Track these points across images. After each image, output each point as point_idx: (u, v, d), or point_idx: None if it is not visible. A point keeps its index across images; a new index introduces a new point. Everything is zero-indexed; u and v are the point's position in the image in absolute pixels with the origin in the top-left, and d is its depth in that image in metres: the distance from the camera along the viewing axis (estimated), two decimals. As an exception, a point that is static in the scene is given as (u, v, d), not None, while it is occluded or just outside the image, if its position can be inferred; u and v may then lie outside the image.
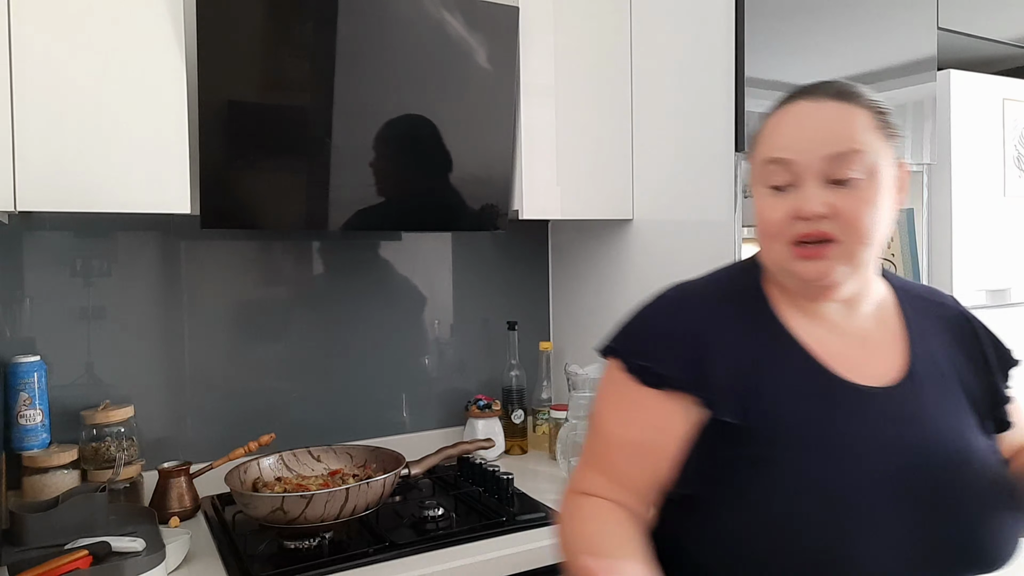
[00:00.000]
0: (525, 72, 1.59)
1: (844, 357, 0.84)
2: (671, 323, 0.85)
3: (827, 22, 1.62)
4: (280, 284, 1.71)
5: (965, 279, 1.82)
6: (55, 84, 1.17)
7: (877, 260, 0.85)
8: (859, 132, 0.80)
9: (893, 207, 0.84)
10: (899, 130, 0.85)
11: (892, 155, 0.83)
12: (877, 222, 0.80)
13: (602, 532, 0.81)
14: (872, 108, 0.82)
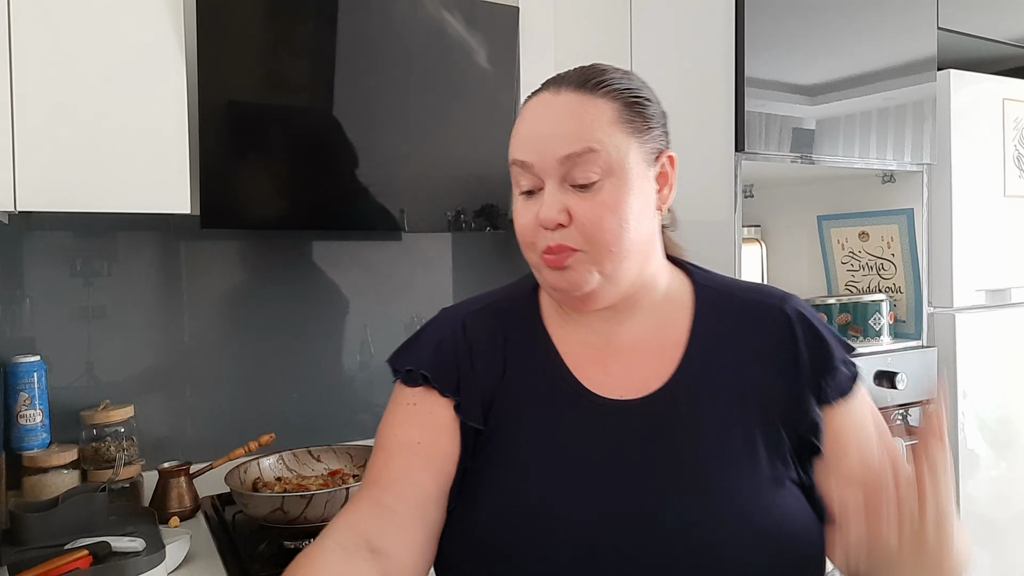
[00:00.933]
0: (525, 72, 1.59)
1: (600, 368, 0.76)
2: (436, 330, 0.82)
3: (827, 22, 1.62)
4: (280, 284, 1.71)
5: (965, 279, 1.82)
6: (55, 84, 1.17)
7: (649, 262, 0.77)
8: (595, 128, 0.71)
9: (648, 208, 0.74)
10: (654, 120, 0.75)
11: (645, 150, 0.74)
12: (623, 228, 0.71)
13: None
14: (620, 97, 0.73)
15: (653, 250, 0.78)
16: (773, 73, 1.54)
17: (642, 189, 0.73)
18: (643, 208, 0.74)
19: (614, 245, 0.72)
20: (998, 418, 1.86)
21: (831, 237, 2.01)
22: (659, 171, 0.76)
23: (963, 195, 1.81)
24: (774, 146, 1.54)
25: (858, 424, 0.75)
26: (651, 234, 0.76)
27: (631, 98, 0.74)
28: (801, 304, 0.79)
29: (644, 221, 0.74)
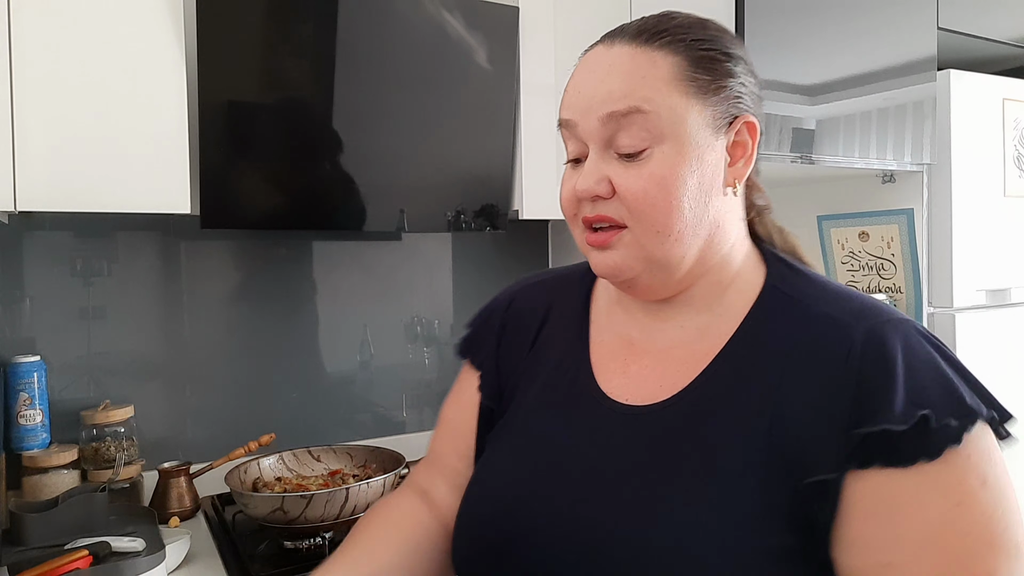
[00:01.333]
0: (525, 72, 1.59)
1: (621, 366, 0.69)
2: (491, 303, 0.81)
3: (827, 22, 1.62)
4: (280, 284, 1.71)
5: (965, 279, 1.82)
6: (55, 84, 1.17)
7: (715, 248, 0.65)
8: (645, 85, 0.60)
9: (713, 184, 0.62)
10: (730, 79, 0.63)
11: (712, 114, 0.62)
12: (675, 206, 0.60)
13: (347, 542, 0.74)
14: (685, 50, 0.62)
15: (722, 235, 0.64)
16: (773, 73, 1.54)
17: (704, 160, 0.61)
18: (705, 183, 0.62)
19: (663, 224, 0.61)
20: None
21: (831, 237, 2.01)
22: (732, 140, 0.63)
23: (963, 195, 1.81)
24: (774, 146, 1.54)
25: (898, 506, 0.53)
26: (717, 215, 0.63)
27: (700, 51, 0.62)
28: (895, 332, 0.58)
29: (706, 199, 0.62)
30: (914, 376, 0.55)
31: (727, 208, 0.65)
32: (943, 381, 0.55)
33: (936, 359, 0.57)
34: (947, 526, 0.52)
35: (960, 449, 0.53)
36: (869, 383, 0.55)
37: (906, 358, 0.56)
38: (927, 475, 0.53)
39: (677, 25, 0.64)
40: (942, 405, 0.54)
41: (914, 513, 0.53)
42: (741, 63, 0.65)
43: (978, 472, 0.53)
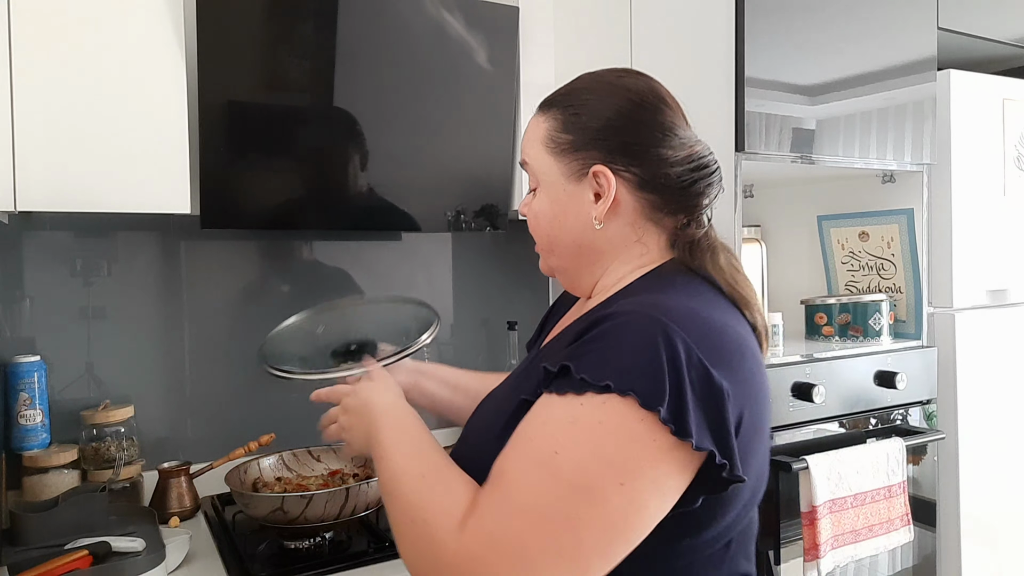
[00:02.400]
0: (525, 72, 1.59)
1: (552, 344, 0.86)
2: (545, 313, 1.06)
3: (827, 22, 1.62)
4: (280, 284, 1.71)
5: (965, 279, 1.82)
6: (55, 84, 1.17)
7: (595, 267, 0.82)
8: (528, 144, 0.83)
9: (581, 219, 0.79)
10: (586, 137, 0.78)
11: (569, 168, 0.79)
12: (550, 233, 0.82)
13: None
14: (560, 116, 0.80)
15: (600, 255, 0.81)
16: (773, 73, 1.54)
17: (570, 202, 0.80)
18: (572, 218, 0.80)
19: (548, 244, 0.84)
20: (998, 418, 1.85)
21: (831, 237, 2.01)
22: (594, 185, 0.78)
23: (963, 195, 1.81)
24: (774, 146, 1.54)
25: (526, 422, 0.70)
26: (590, 241, 0.80)
27: (571, 115, 0.79)
28: (624, 318, 0.68)
29: (573, 229, 0.80)
30: (598, 343, 0.67)
31: (604, 237, 0.80)
32: (613, 356, 0.66)
33: (632, 344, 0.66)
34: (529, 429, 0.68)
35: (575, 396, 0.65)
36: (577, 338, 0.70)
37: (608, 333, 0.67)
38: (549, 399, 0.68)
39: (570, 91, 0.82)
40: (592, 367, 0.65)
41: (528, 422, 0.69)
42: (619, 125, 0.78)
43: (572, 413, 0.65)
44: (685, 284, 0.77)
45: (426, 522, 0.68)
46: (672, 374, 0.64)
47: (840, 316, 1.83)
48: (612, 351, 0.66)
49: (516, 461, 0.67)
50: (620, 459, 0.63)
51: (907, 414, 1.76)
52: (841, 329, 1.83)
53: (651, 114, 0.79)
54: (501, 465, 0.68)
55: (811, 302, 1.90)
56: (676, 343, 0.65)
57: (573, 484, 0.63)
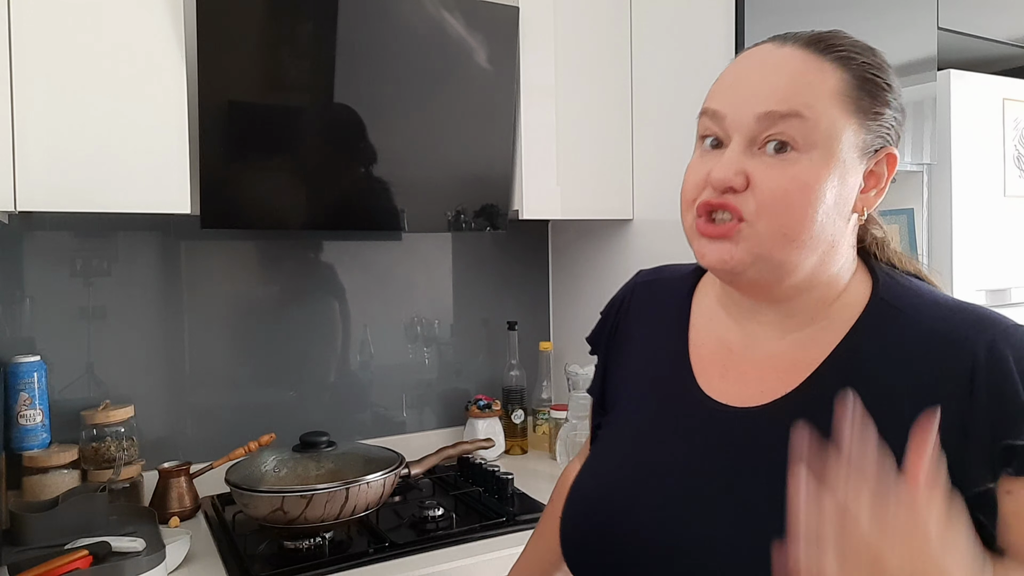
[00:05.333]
0: (525, 72, 1.59)
1: (719, 369, 0.70)
2: (618, 293, 0.85)
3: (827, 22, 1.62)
4: (280, 284, 1.71)
5: (965, 279, 1.82)
6: (55, 84, 1.17)
7: (828, 264, 0.65)
8: (812, 92, 0.61)
9: (845, 203, 0.63)
10: (889, 109, 0.64)
11: (864, 138, 0.63)
12: (807, 214, 0.61)
13: None
14: (854, 69, 0.63)
15: (836, 254, 0.65)
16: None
17: (844, 179, 0.62)
18: (839, 201, 0.62)
19: (792, 228, 0.61)
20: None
21: (831, 237, 2.00)
22: (871, 168, 0.64)
23: (963, 195, 1.81)
24: (774, 146, 1.54)
25: None
26: (837, 234, 0.64)
27: (868, 74, 0.63)
28: (1012, 342, 0.59)
29: (835, 216, 0.62)
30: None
31: (847, 231, 0.65)
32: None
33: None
34: None
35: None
36: (1002, 397, 0.57)
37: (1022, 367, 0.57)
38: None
39: (851, 44, 0.65)
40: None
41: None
42: (898, 99, 0.66)
43: None
44: (920, 283, 0.68)
45: None
46: None
47: (840, 316, 1.83)
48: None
49: None
50: None
51: (907, 414, 1.75)
52: (841, 329, 1.82)
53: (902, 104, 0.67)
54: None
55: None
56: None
57: None
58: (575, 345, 1.97)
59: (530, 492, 1.52)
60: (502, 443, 1.81)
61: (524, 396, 1.88)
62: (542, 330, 2.04)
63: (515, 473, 1.52)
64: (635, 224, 1.73)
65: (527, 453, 1.87)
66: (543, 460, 1.80)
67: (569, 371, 1.73)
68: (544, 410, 1.87)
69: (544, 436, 1.86)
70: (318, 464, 1.39)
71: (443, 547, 1.27)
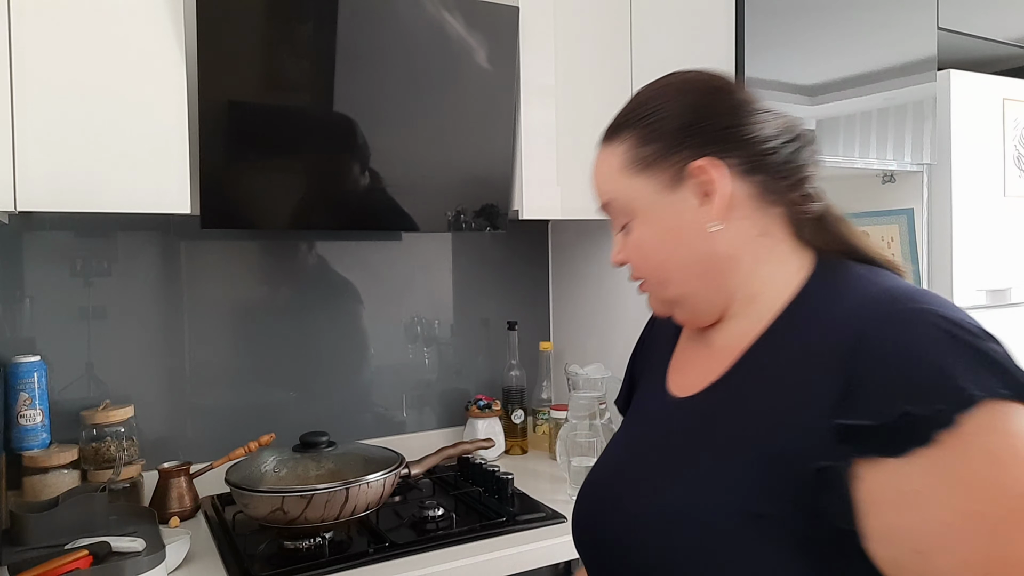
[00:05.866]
0: (525, 72, 1.59)
1: (682, 366, 0.80)
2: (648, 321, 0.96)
3: (827, 22, 1.62)
4: (280, 284, 1.71)
5: (965, 279, 1.82)
6: (55, 84, 1.17)
7: (730, 276, 0.71)
8: (607, 179, 0.75)
9: (692, 229, 0.70)
10: (671, 139, 0.71)
11: (661, 179, 0.71)
12: (663, 260, 0.72)
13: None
14: (631, 135, 0.73)
15: (727, 263, 0.71)
16: (773, 73, 1.54)
17: (675, 215, 0.71)
18: (680, 234, 0.71)
19: (658, 276, 0.74)
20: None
21: (831, 237, 2.01)
22: (695, 185, 0.70)
23: (963, 195, 1.81)
24: (774, 146, 1.54)
25: (910, 495, 0.55)
26: (708, 251, 0.70)
27: (646, 126, 0.72)
28: (896, 325, 0.59)
29: (689, 244, 0.70)
30: (899, 370, 0.56)
31: (723, 240, 0.70)
32: (934, 370, 0.55)
33: (934, 348, 0.57)
34: (961, 507, 0.53)
35: (956, 431, 0.53)
36: (857, 378, 0.58)
37: (896, 352, 0.57)
38: (927, 462, 0.54)
39: (633, 108, 0.76)
40: (928, 393, 0.54)
41: (926, 500, 0.54)
42: (699, 116, 0.71)
43: (987, 449, 0.53)
44: (866, 271, 0.69)
45: None
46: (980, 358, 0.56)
47: (840, 316, 1.83)
48: (928, 366, 0.55)
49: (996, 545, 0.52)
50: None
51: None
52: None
53: (728, 96, 0.72)
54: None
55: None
56: (946, 329, 0.57)
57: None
58: (575, 345, 1.97)
59: (530, 492, 1.52)
60: (502, 443, 1.81)
61: (524, 396, 1.88)
62: (542, 330, 2.04)
63: (515, 473, 1.52)
64: (635, 224, 1.73)
65: (527, 453, 1.87)
66: (543, 460, 1.80)
67: (569, 371, 1.73)
68: (544, 410, 1.87)
69: (544, 436, 1.86)
70: (318, 464, 1.38)
71: (443, 547, 1.27)
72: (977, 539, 0.52)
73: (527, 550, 1.28)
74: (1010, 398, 0.55)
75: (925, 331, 0.58)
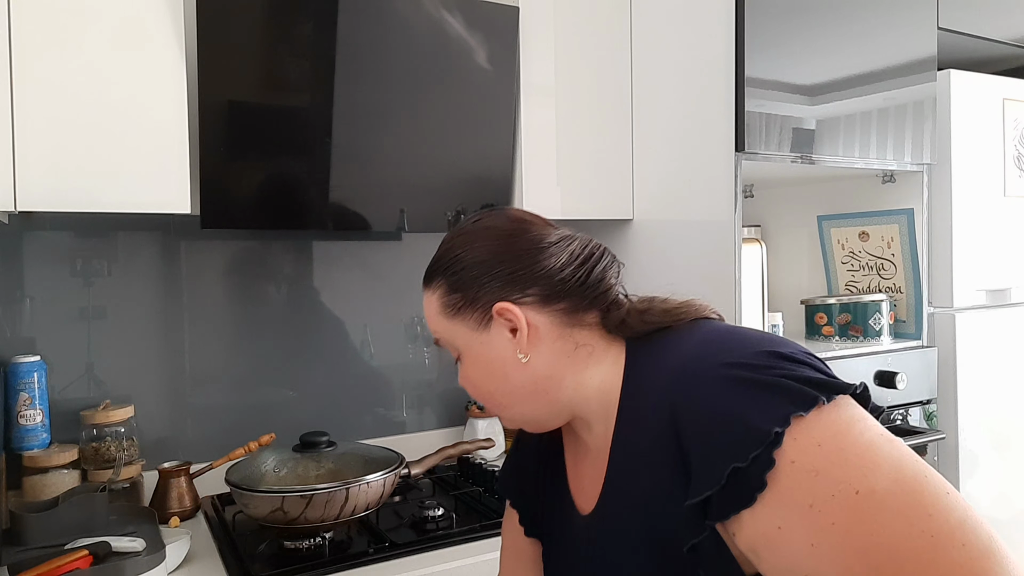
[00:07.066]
0: (525, 72, 1.59)
1: (579, 479, 0.82)
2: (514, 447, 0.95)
3: (827, 22, 1.62)
4: (280, 284, 1.71)
5: (965, 279, 1.82)
6: (55, 84, 1.17)
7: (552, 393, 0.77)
8: (431, 320, 0.81)
9: (510, 360, 0.76)
10: (474, 286, 0.76)
11: (471, 322, 0.77)
12: (495, 384, 0.78)
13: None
14: (442, 283, 0.79)
15: (550, 382, 0.76)
16: (773, 73, 1.54)
17: (489, 352, 0.77)
18: (502, 365, 0.77)
19: (493, 401, 0.80)
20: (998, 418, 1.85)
21: (831, 237, 2.01)
22: (502, 324, 0.76)
23: (963, 195, 1.81)
24: (774, 146, 1.54)
25: (774, 535, 0.58)
26: (532, 377, 0.76)
27: (451, 276, 0.78)
28: (688, 393, 0.64)
29: (504, 374, 0.77)
30: (711, 430, 0.61)
31: (539, 365, 0.76)
32: (735, 420, 0.59)
33: (725, 398, 0.61)
34: (815, 527, 0.56)
35: (779, 467, 0.57)
36: (685, 451, 0.63)
37: (701, 414, 0.62)
38: (770, 500, 0.58)
39: (441, 256, 0.80)
40: (742, 444, 0.58)
41: (789, 532, 0.57)
42: (492, 265, 0.76)
43: (808, 468, 0.57)
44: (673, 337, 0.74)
45: None
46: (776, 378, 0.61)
47: (840, 316, 1.83)
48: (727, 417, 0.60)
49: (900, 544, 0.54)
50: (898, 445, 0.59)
51: (907, 414, 1.75)
52: (841, 329, 1.83)
53: (519, 239, 0.78)
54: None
55: (811, 302, 1.90)
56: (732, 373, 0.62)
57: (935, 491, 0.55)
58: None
59: (530, 492, 1.52)
60: (502, 443, 1.81)
61: (524, 396, 1.87)
62: (542, 330, 2.04)
63: (515, 473, 1.52)
64: (635, 224, 1.73)
65: (527, 453, 1.86)
66: (543, 460, 1.80)
67: (569, 371, 1.73)
68: (544, 410, 1.87)
69: (544, 436, 1.86)
70: (318, 464, 1.38)
71: (443, 547, 1.27)
72: (842, 546, 0.55)
73: (527, 550, 1.28)
74: (804, 410, 0.58)
75: (713, 385, 0.63)
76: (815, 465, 0.57)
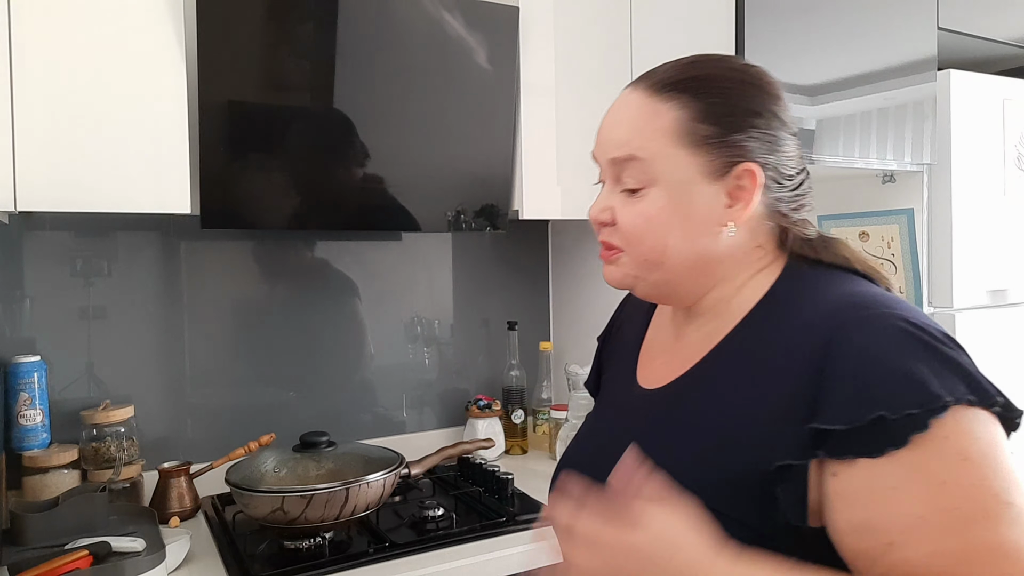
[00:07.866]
0: (525, 72, 1.59)
1: (651, 358, 0.81)
2: (626, 295, 0.94)
3: (827, 22, 1.62)
4: (280, 284, 1.71)
5: (965, 279, 1.82)
6: (55, 84, 1.17)
7: (711, 276, 0.72)
8: (647, 135, 0.69)
9: (707, 224, 0.69)
10: (736, 129, 0.68)
11: (711, 163, 0.68)
12: (662, 242, 0.69)
13: None
14: (694, 103, 0.68)
15: (718, 265, 0.71)
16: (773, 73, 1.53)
17: (697, 204, 0.68)
18: (698, 224, 0.69)
19: (652, 256, 0.70)
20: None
21: (831, 237, 2.01)
22: (733, 185, 0.68)
23: (963, 195, 1.81)
24: (774, 146, 1.54)
25: (884, 491, 0.57)
26: (708, 251, 0.70)
27: (709, 102, 0.68)
28: (864, 330, 0.61)
29: (693, 237, 0.69)
30: (871, 374, 0.58)
31: (723, 244, 0.70)
32: (904, 374, 0.58)
33: (903, 353, 0.59)
34: (935, 503, 0.56)
35: (929, 434, 0.56)
36: (828, 382, 0.60)
37: (866, 356, 0.59)
38: (902, 461, 0.57)
39: (698, 76, 0.70)
40: (900, 398, 0.57)
41: (901, 496, 0.57)
42: (759, 116, 0.69)
43: (957, 450, 0.56)
44: (838, 276, 0.70)
45: None
46: (948, 364, 0.59)
47: (840, 316, 1.83)
48: (898, 369, 0.58)
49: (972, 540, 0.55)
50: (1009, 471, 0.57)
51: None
52: (841, 329, 1.82)
53: (781, 107, 0.71)
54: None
55: (811, 302, 1.90)
56: (915, 335, 0.60)
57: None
58: (575, 345, 1.97)
59: (530, 492, 1.52)
60: (502, 443, 1.81)
61: (524, 396, 1.88)
62: (542, 330, 2.04)
63: (515, 473, 1.52)
64: (635, 224, 1.73)
65: (527, 453, 1.87)
66: (543, 460, 1.80)
67: (569, 371, 1.73)
68: (544, 410, 1.87)
69: (544, 436, 1.86)
70: (318, 464, 1.39)
71: (443, 547, 1.27)
72: (949, 532, 0.55)
73: (527, 550, 1.28)
74: (976, 404, 0.58)
75: (893, 335, 0.60)
76: (968, 452, 0.56)
